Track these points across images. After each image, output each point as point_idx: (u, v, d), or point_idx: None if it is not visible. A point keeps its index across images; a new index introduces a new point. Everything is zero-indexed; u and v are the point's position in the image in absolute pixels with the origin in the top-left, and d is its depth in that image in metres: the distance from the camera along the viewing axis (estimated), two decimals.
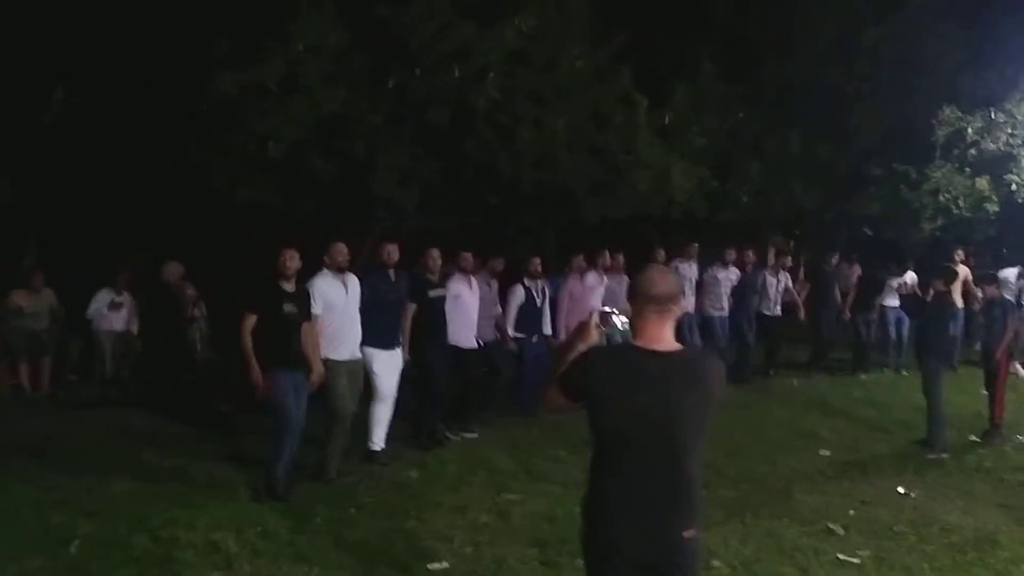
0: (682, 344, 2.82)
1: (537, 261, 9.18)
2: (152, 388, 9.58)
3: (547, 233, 12.73)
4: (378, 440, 7.08)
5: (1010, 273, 11.47)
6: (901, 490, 6.64)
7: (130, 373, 10.21)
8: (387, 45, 9.20)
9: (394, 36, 9.14)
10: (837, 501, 6.34)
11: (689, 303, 10.66)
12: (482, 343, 8.45)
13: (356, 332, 6.70)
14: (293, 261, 6.21)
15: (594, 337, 2.87)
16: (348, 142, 9.23)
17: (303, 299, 6.34)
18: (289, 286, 6.24)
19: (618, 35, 10.30)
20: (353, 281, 6.71)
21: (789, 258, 11.89)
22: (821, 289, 11.96)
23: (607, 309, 2.91)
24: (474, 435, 8.05)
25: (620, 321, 2.83)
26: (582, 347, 2.86)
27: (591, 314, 2.92)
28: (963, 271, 11.58)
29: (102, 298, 10.25)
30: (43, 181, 9.76)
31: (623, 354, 2.74)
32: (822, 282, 11.99)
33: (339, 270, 6.60)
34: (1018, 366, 10.58)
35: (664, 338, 2.73)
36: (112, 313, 10.24)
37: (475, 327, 8.25)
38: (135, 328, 10.37)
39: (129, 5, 8.81)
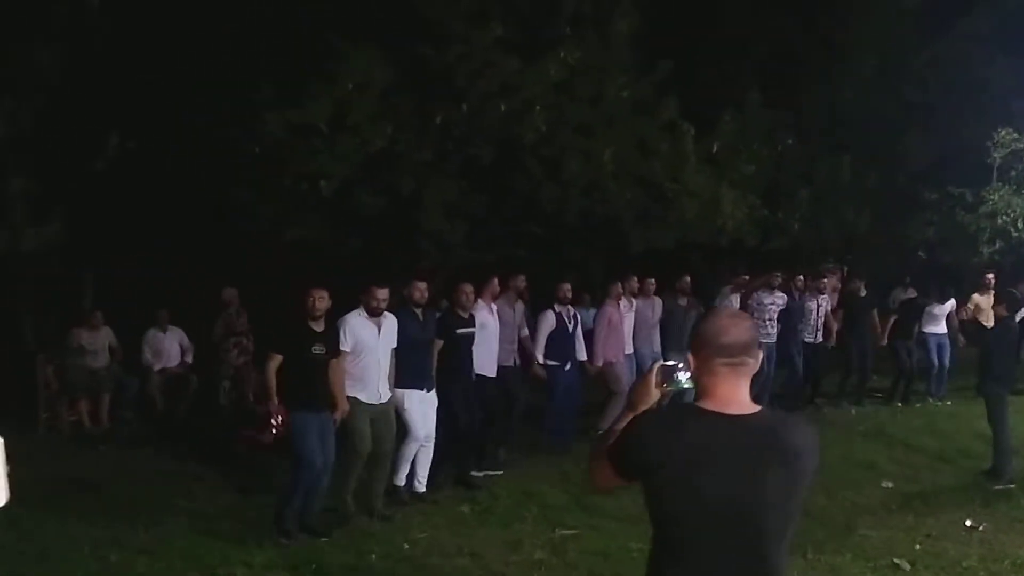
0: (759, 405, 2.29)
1: (567, 287, 8.86)
2: (203, 426, 9.68)
3: (594, 263, 12.70)
4: (402, 477, 6.91)
5: None
6: (968, 523, 6.41)
7: (186, 410, 10.33)
8: (432, 83, 9.33)
9: (438, 74, 9.26)
10: (902, 535, 6.15)
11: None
12: (499, 371, 8.05)
13: (383, 375, 6.54)
14: (323, 302, 6.14)
15: (654, 397, 2.37)
16: (395, 178, 9.35)
17: (332, 337, 6.27)
18: (318, 326, 6.18)
19: (662, 65, 10.28)
20: (389, 324, 6.58)
21: (823, 281, 11.51)
22: (853, 315, 11.65)
23: (671, 363, 2.36)
24: (499, 473, 7.75)
25: (686, 377, 2.31)
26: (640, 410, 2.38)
27: (652, 369, 2.40)
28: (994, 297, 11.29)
29: (149, 338, 10.43)
30: (98, 223, 9.99)
31: (687, 420, 2.18)
32: (855, 308, 11.70)
33: (372, 313, 6.46)
34: None
35: (738, 399, 2.19)
36: (160, 351, 10.41)
37: (495, 355, 7.97)
38: (189, 360, 10.53)
39: (180, 51, 9.07)
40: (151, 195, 9.94)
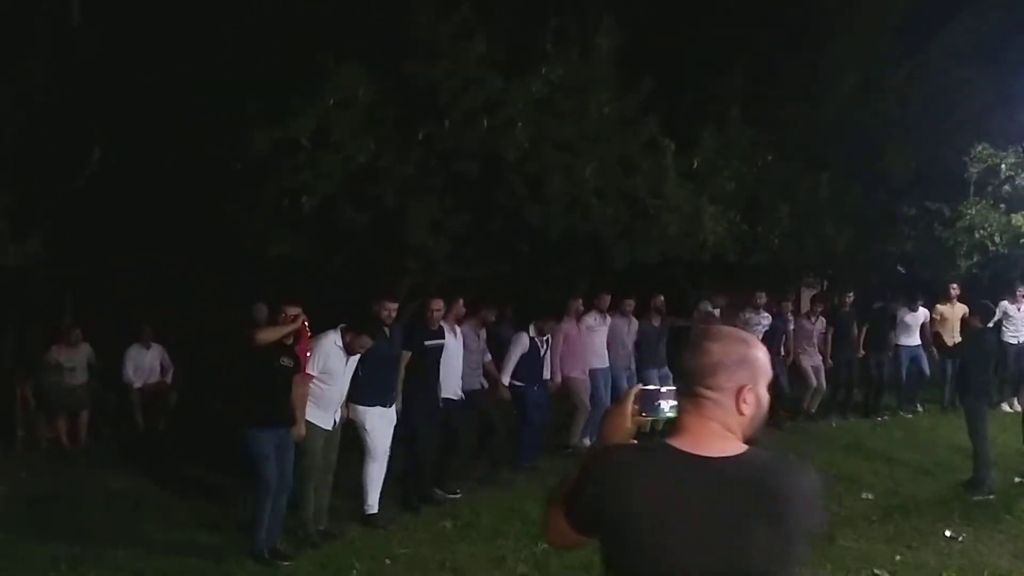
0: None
1: (548, 323, 8.98)
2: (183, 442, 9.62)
3: (577, 279, 12.72)
4: (373, 503, 6.85)
5: None
6: (948, 534, 6.47)
7: (166, 426, 10.27)
8: (415, 98, 9.35)
9: (422, 90, 9.29)
10: (882, 546, 6.19)
11: None
12: (465, 394, 8.03)
13: (340, 401, 6.49)
14: (290, 317, 6.12)
15: (629, 428, 1.94)
16: (379, 193, 9.35)
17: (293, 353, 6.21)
18: (287, 339, 6.13)
19: (644, 82, 10.37)
20: (355, 358, 6.53)
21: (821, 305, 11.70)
22: (839, 329, 11.78)
23: (652, 387, 1.96)
24: (457, 495, 7.69)
25: (670, 406, 1.90)
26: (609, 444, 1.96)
27: (629, 394, 1.97)
28: (959, 308, 11.46)
29: (132, 354, 10.36)
30: (78, 238, 9.94)
31: (651, 463, 1.76)
32: (840, 322, 11.82)
33: (348, 351, 6.39)
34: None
35: (711, 436, 1.79)
36: (141, 368, 10.35)
37: (459, 378, 7.91)
38: (169, 379, 10.48)
39: (164, 67, 9.06)
40: (133, 212, 9.90)
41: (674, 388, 1.90)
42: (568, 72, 9.85)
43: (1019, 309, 11.74)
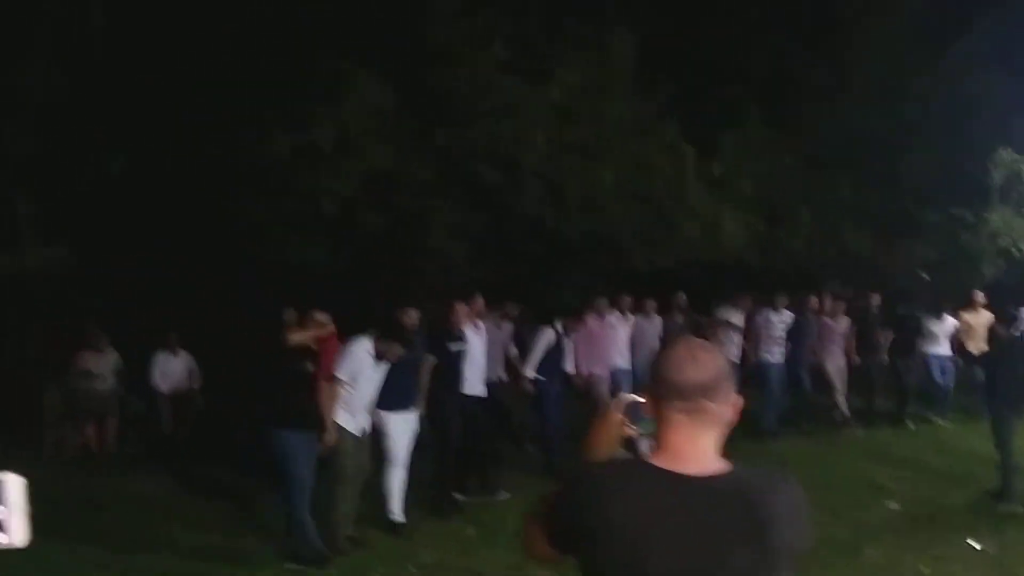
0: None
1: (575, 322, 8.97)
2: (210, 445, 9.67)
3: (596, 283, 12.71)
4: (398, 510, 6.80)
5: None
6: (976, 545, 6.39)
7: (190, 431, 10.32)
8: (434, 104, 9.40)
9: (441, 95, 9.34)
10: (909, 557, 6.12)
11: (733, 352, 10.47)
12: (487, 387, 8.10)
13: (367, 405, 6.48)
14: (316, 324, 6.18)
15: (616, 440, 1.89)
16: (398, 198, 9.39)
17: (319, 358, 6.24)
18: (314, 344, 6.18)
19: (662, 87, 10.36)
20: (385, 364, 6.53)
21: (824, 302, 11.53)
22: (864, 332, 11.64)
23: (641, 398, 1.86)
24: (484, 499, 7.66)
25: None
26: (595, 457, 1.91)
27: (615, 402, 1.93)
28: (984, 315, 11.31)
29: (159, 361, 10.43)
30: (103, 244, 10.03)
31: (631, 482, 1.71)
32: (866, 325, 11.70)
33: (378, 357, 6.38)
34: None
35: (697, 454, 1.72)
36: (168, 374, 10.41)
37: (482, 373, 7.96)
38: (196, 384, 10.53)
39: (186, 73, 9.14)
40: (158, 218, 9.98)
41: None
42: (586, 77, 9.87)
43: None
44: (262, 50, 9.23)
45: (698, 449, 1.73)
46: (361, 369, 6.36)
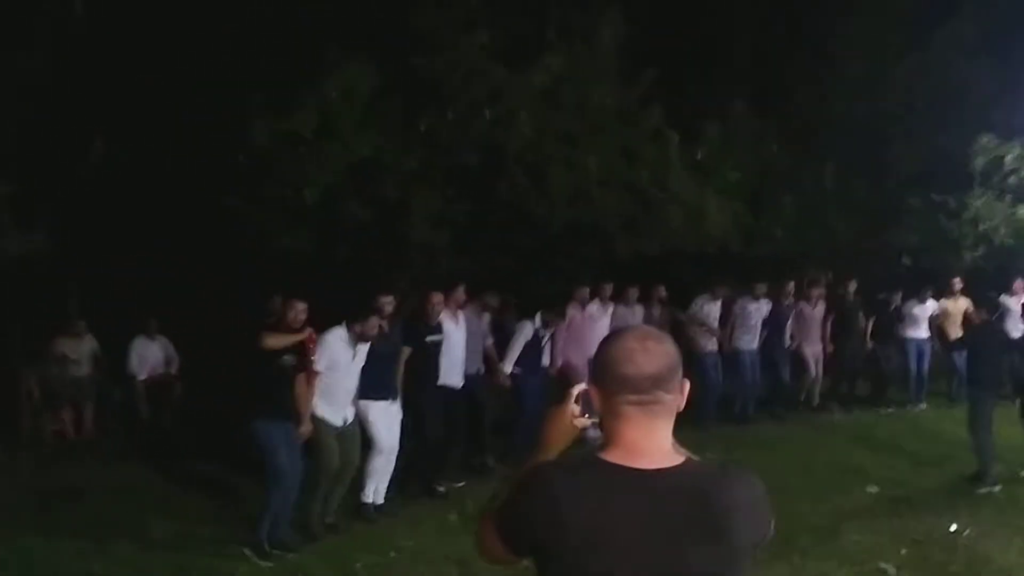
0: (683, 451, 1.75)
1: (555, 317, 8.95)
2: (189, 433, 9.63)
3: (580, 272, 12.71)
4: (369, 493, 6.81)
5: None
6: (954, 528, 6.44)
7: (171, 418, 10.26)
8: (418, 91, 9.33)
9: (425, 82, 9.27)
10: (888, 540, 6.17)
11: (711, 342, 10.58)
12: (465, 379, 8.05)
13: (350, 396, 6.50)
14: (296, 311, 6.09)
15: (571, 431, 1.85)
16: (381, 186, 9.33)
17: (298, 350, 6.18)
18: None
19: (647, 73, 10.32)
20: (363, 347, 6.52)
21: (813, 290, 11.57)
22: (843, 319, 11.71)
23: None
24: (461, 484, 7.68)
25: None
26: (549, 453, 1.85)
27: (570, 394, 1.85)
28: (962, 302, 11.40)
29: (137, 345, 10.36)
30: (82, 230, 9.93)
31: (582, 480, 1.64)
32: (844, 312, 11.77)
33: (361, 339, 6.41)
34: None
35: (652, 448, 1.67)
36: (146, 360, 10.34)
37: (462, 365, 7.93)
38: (174, 370, 10.47)
39: (168, 58, 9.04)
40: (136, 204, 9.89)
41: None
42: (571, 63, 9.82)
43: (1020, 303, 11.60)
44: (243, 34, 9.14)
45: (654, 442, 1.68)
46: (338, 359, 6.35)
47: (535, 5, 10.13)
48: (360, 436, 6.61)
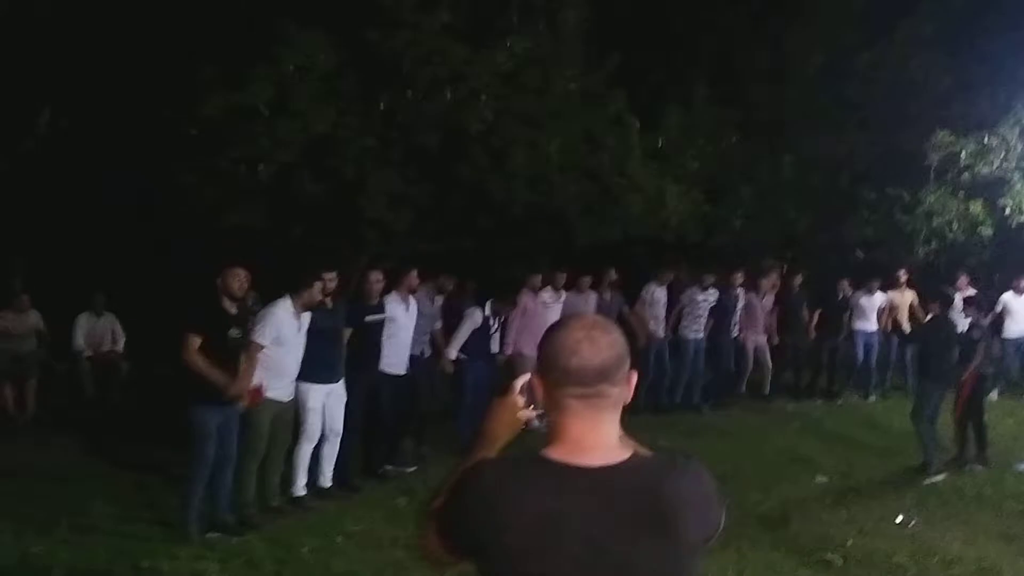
0: (632, 444, 1.69)
1: (506, 305, 8.88)
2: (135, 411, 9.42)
3: (540, 256, 12.66)
4: (301, 485, 6.62)
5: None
6: (900, 519, 6.52)
7: (117, 397, 10.05)
8: (377, 67, 9.17)
9: (384, 58, 9.10)
10: (835, 530, 6.22)
11: (659, 327, 10.62)
12: (409, 362, 7.82)
13: (295, 372, 6.29)
14: (239, 280, 5.79)
15: (516, 423, 1.77)
16: (338, 164, 9.17)
17: (245, 324, 5.99)
18: (232, 308, 5.86)
19: (610, 58, 10.27)
20: (307, 318, 6.32)
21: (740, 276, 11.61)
22: (788, 312, 11.83)
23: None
24: (412, 468, 7.58)
25: None
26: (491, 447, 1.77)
27: (512, 386, 1.77)
28: (908, 294, 11.60)
29: (82, 322, 10.11)
30: (28, 203, 9.65)
31: (525, 477, 1.57)
32: (789, 304, 11.89)
33: (306, 307, 6.22)
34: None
35: (598, 443, 1.61)
36: (92, 336, 10.09)
37: (407, 352, 7.68)
38: (120, 347, 10.23)
39: (117, 27, 8.78)
40: (84, 176, 9.62)
41: None
42: (534, 45, 9.71)
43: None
44: (198, 4, 8.90)
45: (600, 437, 1.61)
46: (285, 332, 6.15)
47: None
48: (292, 415, 6.40)
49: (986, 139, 12.15)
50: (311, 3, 8.85)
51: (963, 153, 12.28)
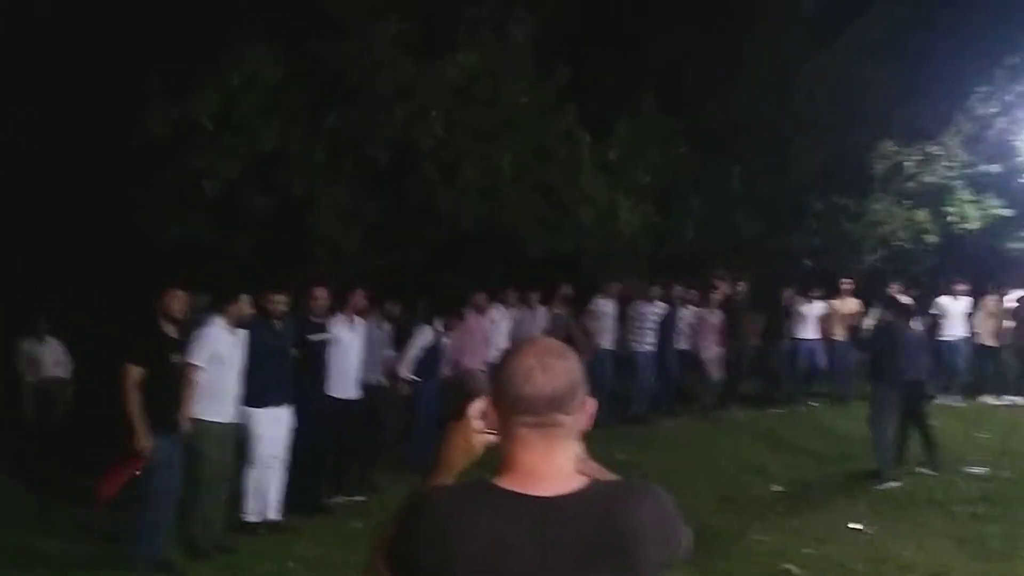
0: (592, 467, 1.66)
1: (456, 321, 8.78)
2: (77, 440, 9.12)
3: (492, 269, 12.61)
4: (251, 511, 6.32)
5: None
6: (854, 526, 6.55)
7: (60, 424, 9.73)
8: (324, 80, 9.07)
9: (331, 70, 9.00)
10: (792, 539, 6.23)
11: (607, 339, 10.64)
12: (364, 389, 7.53)
13: (235, 391, 5.98)
14: (180, 302, 5.55)
15: (471, 451, 1.68)
16: (286, 179, 9.04)
17: (185, 347, 5.72)
18: (173, 332, 5.59)
19: (560, 71, 10.28)
20: (244, 335, 6.06)
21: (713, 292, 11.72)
22: (730, 320, 11.92)
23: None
24: (361, 498, 7.26)
25: None
26: (447, 472, 1.69)
27: (472, 408, 1.67)
28: (850, 302, 11.77)
29: (25, 348, 9.79)
30: None
31: (474, 509, 1.51)
32: (730, 313, 12.01)
33: (239, 324, 5.95)
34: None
35: (549, 471, 1.54)
36: (35, 361, 9.78)
37: (356, 374, 7.35)
38: (66, 373, 9.92)
39: (59, 39, 8.57)
40: (24, 193, 9.35)
41: None
42: (483, 59, 9.69)
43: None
44: (141, 15, 8.72)
45: (552, 466, 1.54)
46: (221, 351, 5.86)
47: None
48: (235, 439, 6.12)
49: (929, 148, 12.40)
50: (257, 13, 8.73)
51: (907, 162, 12.52)
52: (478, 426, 1.66)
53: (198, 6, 8.69)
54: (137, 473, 5.43)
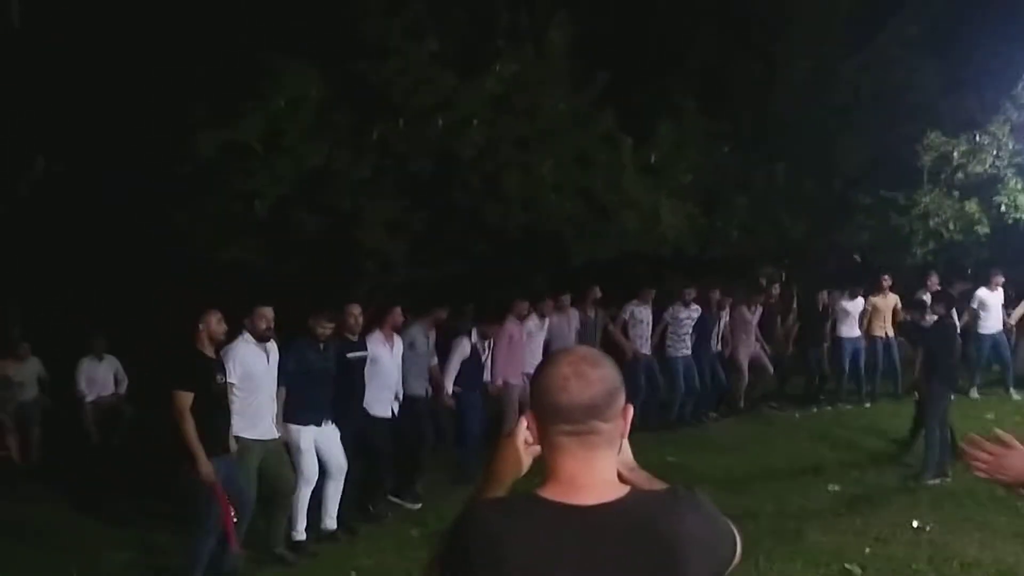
0: (640, 476, 1.69)
1: (492, 327, 8.72)
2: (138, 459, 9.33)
3: (537, 277, 12.65)
4: (301, 527, 6.37)
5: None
6: (916, 524, 6.47)
7: (120, 442, 9.96)
8: (368, 98, 9.20)
9: (374, 89, 9.14)
10: (851, 539, 6.18)
11: (645, 346, 10.59)
12: (408, 400, 7.65)
13: (273, 408, 6.04)
14: (221, 325, 5.58)
15: (523, 462, 1.71)
16: (333, 196, 9.18)
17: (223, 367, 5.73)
18: (212, 353, 5.61)
19: (599, 76, 10.30)
20: (275, 350, 6.07)
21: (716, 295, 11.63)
22: (764, 323, 11.81)
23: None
24: (416, 507, 7.38)
25: None
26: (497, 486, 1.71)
27: (520, 422, 1.70)
28: (891, 299, 11.59)
29: (84, 367, 10.05)
30: (23, 250, 9.63)
31: (520, 519, 1.53)
32: (773, 313, 11.87)
33: (261, 338, 5.97)
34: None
35: (592, 480, 1.56)
36: (94, 381, 10.03)
37: (392, 393, 7.38)
38: (123, 391, 10.17)
39: (107, 71, 8.80)
40: (79, 219, 9.61)
41: None
42: (522, 68, 9.75)
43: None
44: (185, 44, 8.92)
45: (594, 475, 1.56)
46: (252, 368, 5.89)
47: (484, 11, 10.06)
48: (286, 456, 6.18)
49: (977, 138, 12.19)
50: (299, 36, 8.88)
51: (955, 153, 12.30)
52: (528, 439, 1.68)
53: (240, 33, 8.87)
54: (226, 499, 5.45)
